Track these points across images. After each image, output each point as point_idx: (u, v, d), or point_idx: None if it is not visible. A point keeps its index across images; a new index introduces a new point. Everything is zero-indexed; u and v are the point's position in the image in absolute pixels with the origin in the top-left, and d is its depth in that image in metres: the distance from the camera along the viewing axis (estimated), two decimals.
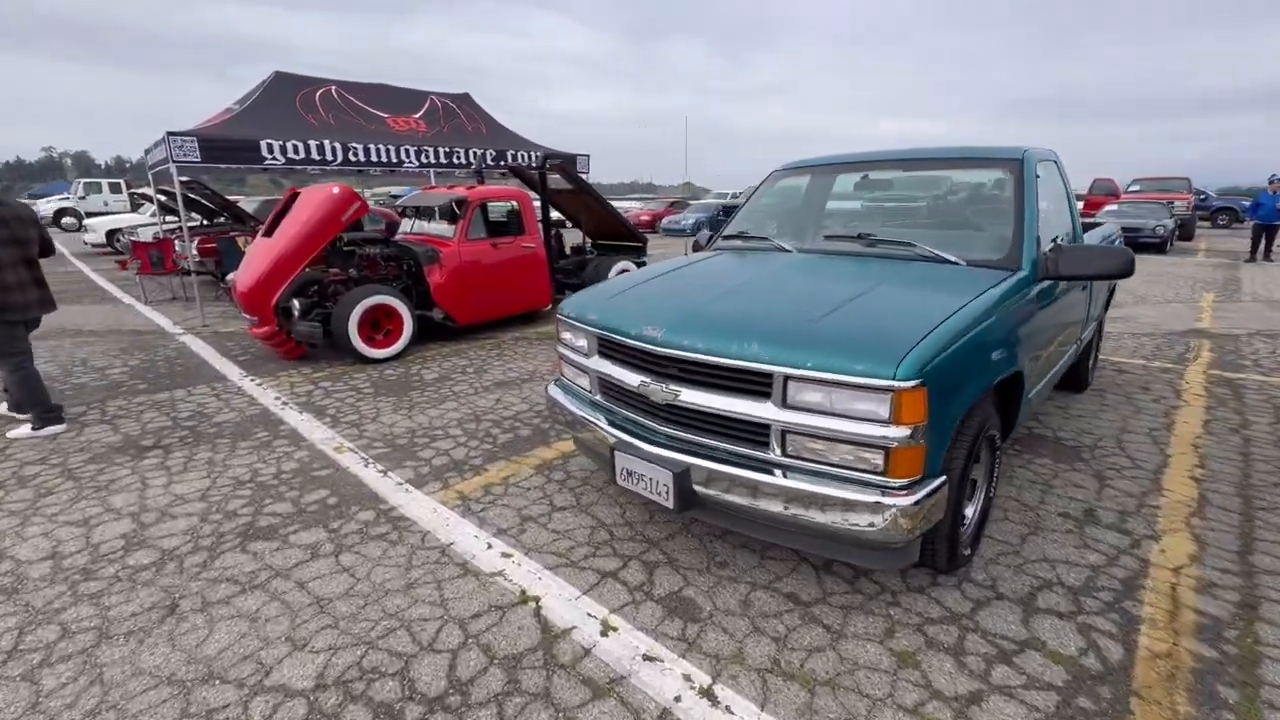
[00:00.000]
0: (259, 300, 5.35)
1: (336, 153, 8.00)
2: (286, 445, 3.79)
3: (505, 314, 6.81)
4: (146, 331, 7.09)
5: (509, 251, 6.61)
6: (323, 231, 5.43)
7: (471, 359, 5.76)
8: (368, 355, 5.56)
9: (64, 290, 10.26)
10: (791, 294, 2.47)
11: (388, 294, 5.65)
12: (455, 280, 6.19)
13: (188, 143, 6.90)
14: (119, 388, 4.98)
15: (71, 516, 2.94)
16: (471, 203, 6.34)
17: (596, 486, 3.22)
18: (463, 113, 10.23)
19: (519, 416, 4.24)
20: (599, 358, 2.68)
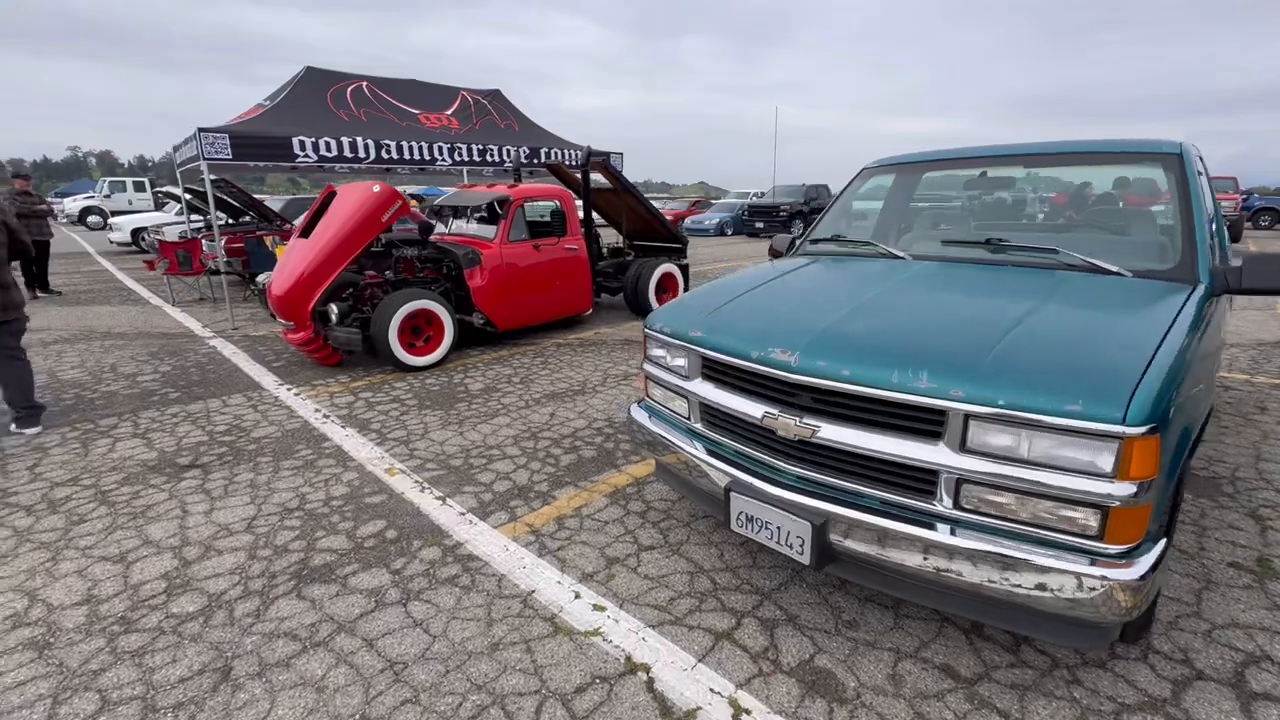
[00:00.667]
0: (296, 305, 5.08)
1: (369, 150, 7.74)
2: (333, 465, 3.49)
3: (547, 319, 6.49)
4: (176, 335, 6.86)
5: (551, 253, 6.29)
6: (363, 232, 5.14)
7: (515, 368, 5.45)
8: (408, 363, 5.26)
9: (91, 290, 10.13)
10: (944, 312, 2.11)
11: (429, 299, 5.36)
12: (496, 283, 5.88)
13: (219, 139, 6.66)
14: (150, 397, 4.72)
15: (107, 550, 2.65)
16: (514, 202, 6.03)
17: (682, 520, 2.88)
18: (494, 109, 9.94)
19: (578, 435, 3.91)
20: (703, 381, 2.34)
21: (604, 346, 6.18)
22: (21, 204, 8.69)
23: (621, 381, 4.99)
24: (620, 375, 5.17)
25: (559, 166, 7.85)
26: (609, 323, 7.30)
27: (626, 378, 5.10)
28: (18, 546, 2.69)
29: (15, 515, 2.96)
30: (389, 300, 5.18)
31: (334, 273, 5.12)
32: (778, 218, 20.83)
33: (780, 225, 20.77)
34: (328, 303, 5.27)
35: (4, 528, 2.84)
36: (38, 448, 3.76)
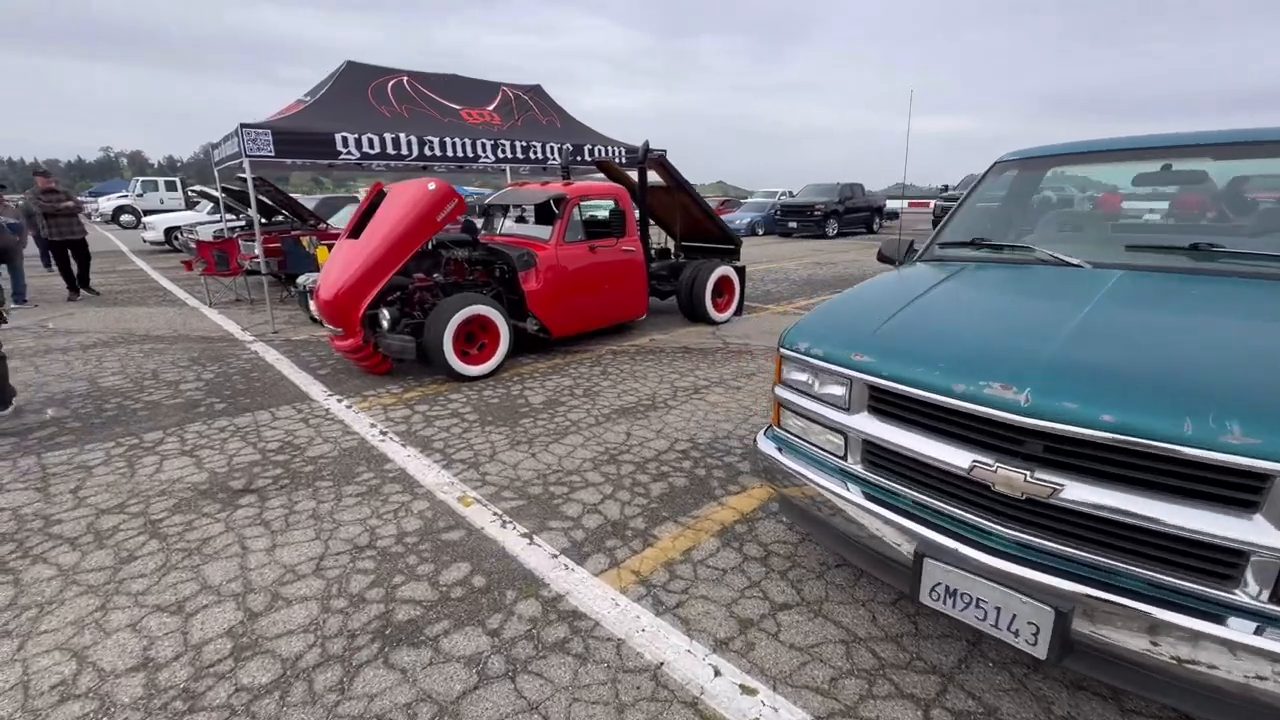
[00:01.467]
0: (346, 310, 4.77)
1: (411, 146, 7.44)
2: (399, 492, 3.15)
3: (602, 325, 6.12)
4: (215, 338, 6.62)
5: (608, 256, 5.92)
6: (417, 233, 4.81)
7: (574, 378, 5.09)
8: (462, 373, 4.93)
9: (127, 290, 10.00)
10: (1213, 340, 1.67)
11: (486, 304, 5.02)
12: (552, 287, 5.53)
13: (261, 135, 6.39)
14: (195, 408, 4.44)
15: (162, 598, 2.32)
16: (570, 201, 5.67)
17: (813, 570, 2.48)
18: (535, 105, 9.61)
19: (662, 458, 3.53)
20: (871, 417, 1.94)
21: (662, 355, 5.80)
22: (46, 202, 8.45)
23: (693, 395, 4.61)
24: (689, 388, 4.78)
25: (610, 164, 7.48)
26: (661, 328, 6.92)
27: (696, 391, 4.71)
28: (64, 589, 2.38)
29: (59, 549, 2.65)
30: (444, 305, 4.85)
31: (386, 276, 4.80)
32: (811, 217, 20.29)
33: (814, 225, 20.24)
34: (378, 308, 4.96)
35: (48, 565, 2.54)
36: (81, 466, 3.47)
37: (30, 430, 4.01)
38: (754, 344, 6.18)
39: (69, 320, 7.61)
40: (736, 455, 3.56)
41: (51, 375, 5.24)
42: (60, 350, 6.11)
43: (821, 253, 15.31)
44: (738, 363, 5.51)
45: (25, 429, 4.03)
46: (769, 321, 7.25)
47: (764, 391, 4.68)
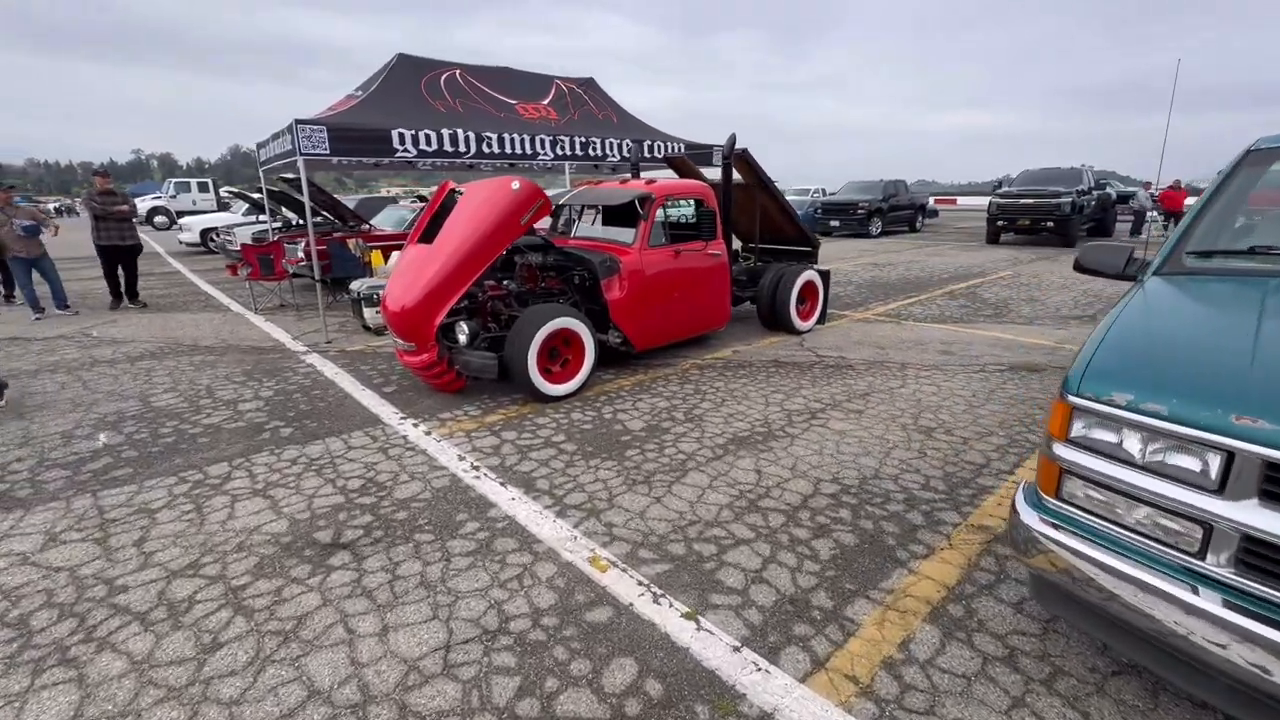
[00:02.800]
0: (419, 323, 4.29)
1: (469, 143, 6.98)
2: (516, 550, 2.64)
3: (685, 336, 5.59)
4: (266, 349, 6.21)
5: (693, 260, 5.38)
6: (501, 237, 4.32)
7: (668, 398, 4.56)
8: (547, 393, 4.43)
9: (168, 294, 9.70)
10: None
11: (572, 316, 4.51)
12: (637, 296, 5.01)
13: (316, 132, 5.96)
14: (259, 433, 3.99)
15: (263, 709, 1.84)
16: (655, 201, 5.14)
17: (1081, 677, 1.92)
18: (590, 99, 9.11)
19: (812, 505, 2.98)
20: (1265, 505, 1.37)
21: (753, 369, 5.25)
22: (103, 204, 7.98)
23: (811, 422, 4.05)
24: (802, 412, 4.23)
25: (684, 160, 6.94)
26: (740, 338, 6.36)
27: (813, 416, 4.15)
28: (138, 694, 1.90)
29: (129, 631, 2.19)
30: (527, 317, 4.35)
31: (464, 285, 4.31)
32: (854, 216, 19.56)
33: (856, 224, 19.51)
34: (453, 320, 4.48)
35: (117, 654, 2.07)
36: (143, 509, 3.02)
37: (84, 461, 3.59)
38: (850, 358, 5.60)
39: (113, 328, 7.27)
40: (899, 503, 3.00)
41: (101, 393, 4.85)
42: (107, 362, 5.73)
43: (872, 253, 14.62)
44: (843, 380, 4.94)
45: (78, 460, 3.61)
46: (855, 330, 6.65)
47: (890, 417, 4.11)
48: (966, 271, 11.12)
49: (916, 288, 9.43)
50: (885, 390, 4.68)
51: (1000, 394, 4.57)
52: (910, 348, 5.92)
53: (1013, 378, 4.95)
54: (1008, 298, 8.49)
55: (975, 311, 7.60)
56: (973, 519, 2.85)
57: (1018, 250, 14.60)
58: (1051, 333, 6.47)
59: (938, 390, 4.67)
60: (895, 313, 7.61)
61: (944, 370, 5.18)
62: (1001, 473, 3.31)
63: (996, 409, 4.26)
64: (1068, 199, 15.05)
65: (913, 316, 7.37)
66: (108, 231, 8.01)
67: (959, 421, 4.03)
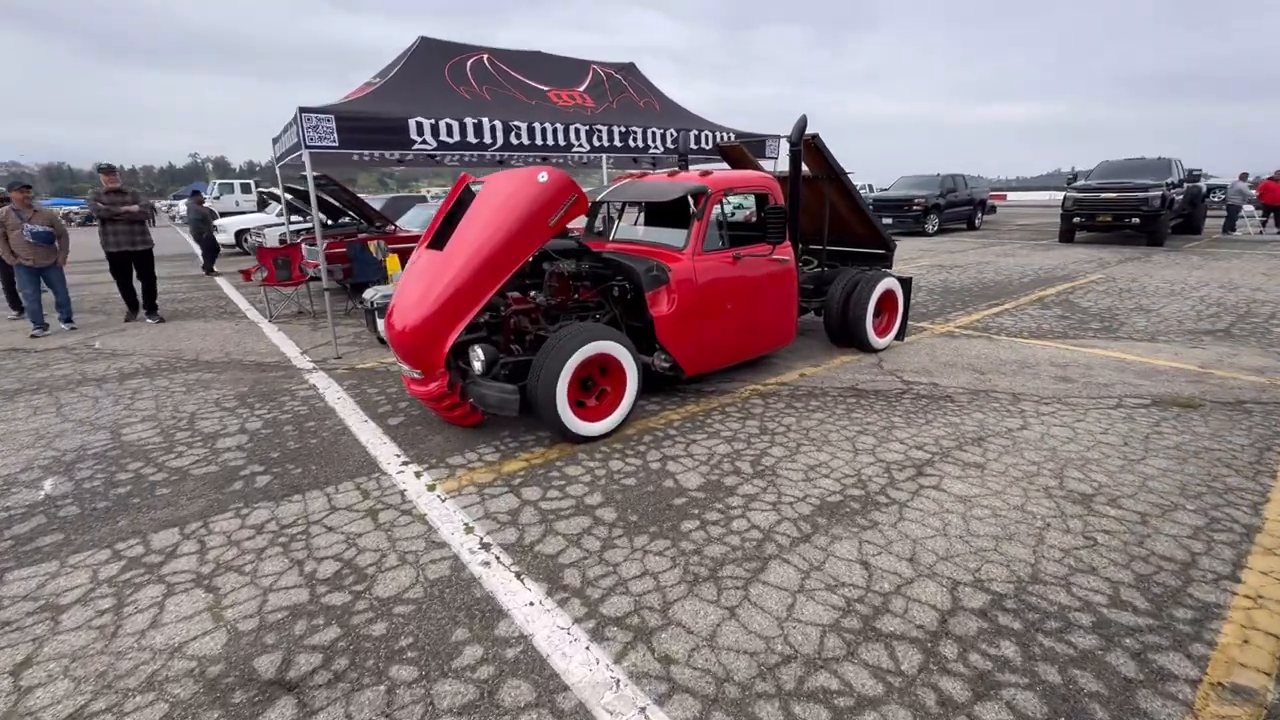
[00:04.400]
0: (426, 346, 3.52)
1: (495, 133, 6.21)
2: (534, 702, 1.81)
3: (745, 358, 4.70)
4: (270, 365, 5.57)
5: (756, 267, 4.48)
6: (525, 242, 3.51)
7: (728, 440, 3.69)
8: (580, 433, 3.61)
9: (189, 299, 9.28)
10: None
11: (611, 338, 3.67)
12: (689, 311, 4.13)
13: (323, 122, 5.27)
14: (230, 483, 3.27)
15: None
16: (712, 196, 4.26)
17: None
18: (630, 85, 8.26)
19: (956, 630, 2.07)
20: None
21: (828, 400, 4.32)
22: (109, 204, 7.13)
23: (919, 481, 3.12)
24: (903, 464, 3.30)
25: (741, 150, 6.03)
26: (805, 356, 5.43)
27: (919, 471, 3.22)
28: None
29: None
30: (557, 341, 3.52)
31: (481, 301, 3.52)
32: (909, 213, 18.23)
33: (911, 221, 18.18)
34: (469, 340, 3.70)
35: None
36: (49, 605, 2.31)
37: (12, 521, 2.92)
38: (945, 385, 4.61)
39: (118, 339, 6.77)
40: (1087, 632, 2.06)
41: (72, 421, 4.24)
42: (95, 381, 5.16)
43: (932, 253, 13.38)
44: (944, 417, 3.97)
45: (6, 519, 2.95)
46: (941, 348, 5.64)
47: (1024, 475, 3.14)
48: (1050, 275, 9.88)
49: (998, 294, 8.29)
50: (1003, 433, 3.70)
51: (1159, 441, 3.54)
52: (1016, 372, 4.88)
53: (1165, 418, 3.90)
54: (1113, 307, 7.30)
55: (1080, 325, 6.47)
56: (1215, 671, 1.89)
57: (1098, 250, 13.16)
58: (1187, 353, 5.33)
59: (1073, 434, 3.66)
60: (983, 325, 6.53)
61: (1069, 405, 4.15)
62: (1222, 578, 2.33)
63: (1165, 465, 3.24)
64: (1157, 193, 13.49)
65: (1005, 330, 6.29)
66: (116, 236, 7.23)
67: (1121, 485, 3.04)
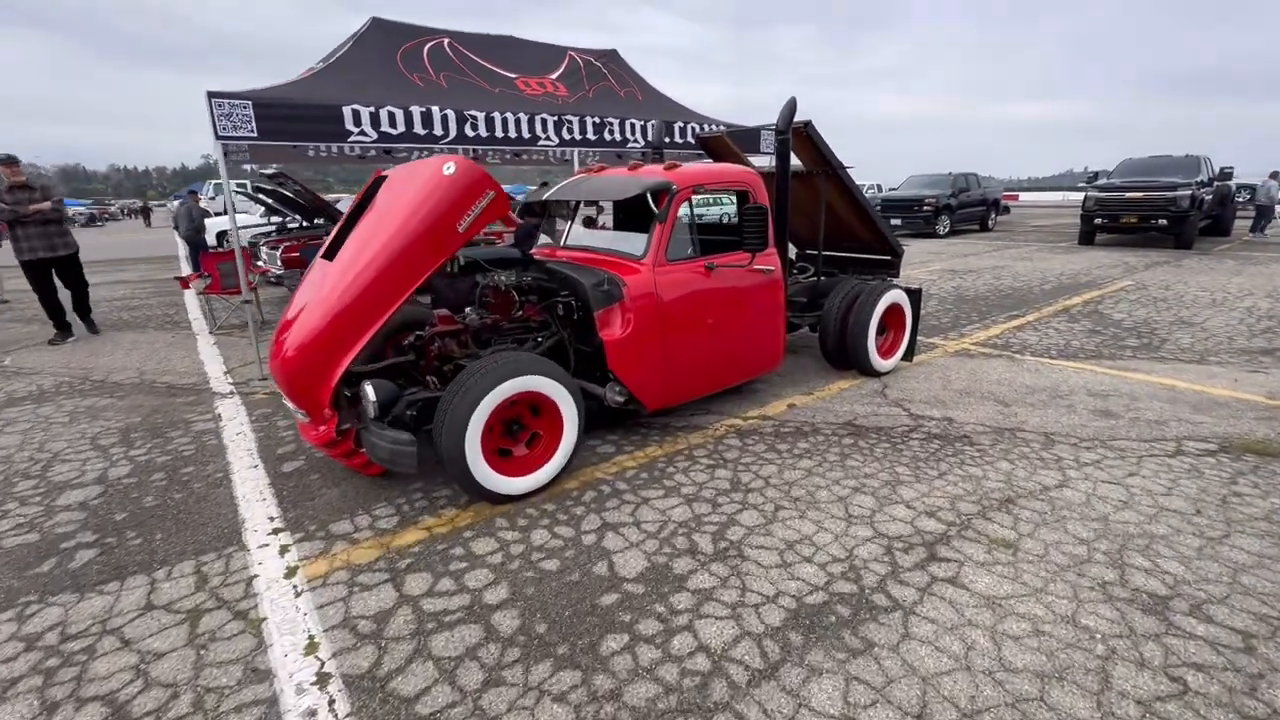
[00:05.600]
0: (308, 382, 2.81)
1: (448, 123, 5.48)
2: None
3: (720, 388, 3.93)
4: (182, 388, 4.86)
5: (733, 279, 3.72)
6: (424, 252, 2.77)
7: (687, 496, 2.93)
8: (497, 491, 2.86)
9: (137, 307, 8.58)
10: None
11: (543, 372, 2.91)
12: (647, 334, 3.38)
13: (238, 110, 4.57)
14: (43, 560, 2.55)
15: None
16: (678, 194, 3.50)
17: None
18: (610, 73, 7.52)
19: None
20: None
21: (820, 441, 3.56)
22: (13, 204, 5.92)
23: (930, 572, 2.35)
24: (907, 542, 2.54)
25: (722, 140, 5.28)
26: (796, 380, 4.66)
27: (931, 555, 2.45)
28: None
29: None
30: (468, 378, 2.78)
31: (373, 324, 2.79)
32: (919, 213, 17.38)
33: (921, 222, 17.33)
34: (363, 374, 2.97)
35: None
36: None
37: None
38: (962, 420, 3.83)
39: (37, 355, 6.10)
40: None
41: None
42: None
43: (944, 256, 12.54)
44: (961, 466, 3.20)
45: None
46: (955, 370, 4.85)
47: (1071, 564, 2.37)
48: (1073, 281, 9.03)
49: (1018, 303, 7.47)
50: (1038, 492, 2.92)
51: (1242, 509, 2.75)
52: (1046, 403, 4.09)
53: (1241, 470, 3.10)
54: (1149, 320, 6.48)
55: (1115, 342, 5.66)
56: None
57: (1122, 253, 12.28)
58: (1247, 379, 4.51)
59: (1127, 496, 2.88)
60: (1003, 341, 5.73)
61: (1116, 450, 3.37)
62: None
63: (1259, 549, 2.45)
64: (1186, 192, 12.57)
65: (1029, 348, 5.49)
66: (29, 241, 6.08)
67: (1204, 580, 2.26)
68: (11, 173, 6.05)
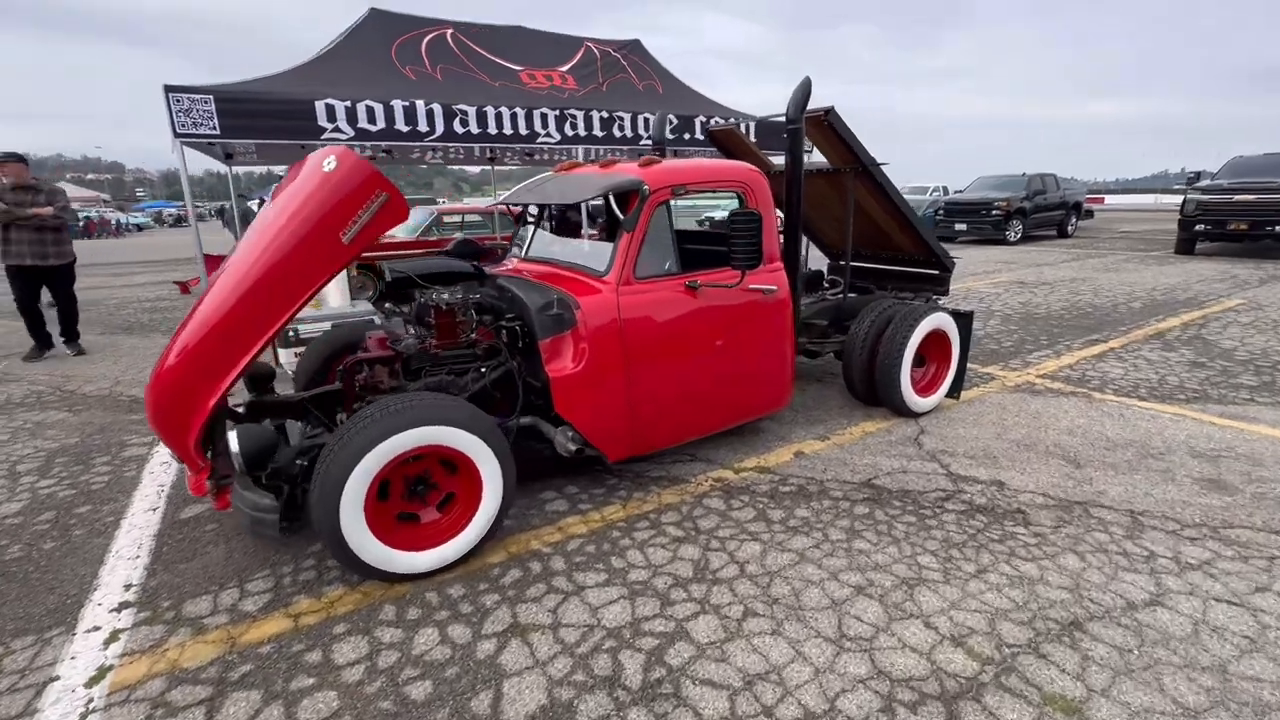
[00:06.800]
0: (174, 421, 2.30)
1: (435, 119, 4.99)
2: None
3: (704, 434, 3.23)
4: (141, 405, 4.55)
5: (723, 300, 3.01)
6: (304, 266, 2.21)
7: (633, 586, 2.26)
8: (384, 570, 2.27)
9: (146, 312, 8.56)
10: None
11: (454, 422, 2.30)
12: (608, 368, 2.72)
13: (198, 105, 4.21)
14: None
15: None
16: (650, 196, 2.83)
17: None
18: (629, 66, 6.89)
19: None
20: None
21: (821, 506, 2.80)
22: (12, 203, 5.47)
23: None
24: (918, 683, 1.77)
25: (733, 133, 4.57)
26: (812, 419, 3.89)
27: (945, 706, 1.69)
28: None
29: None
30: (351, 427, 2.20)
31: (246, 354, 2.26)
32: (986, 218, 15.93)
33: (989, 227, 15.87)
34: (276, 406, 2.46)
35: None
36: None
37: None
38: (1016, 486, 2.98)
39: (28, 366, 6.00)
40: None
41: None
42: None
43: (1014, 265, 11.26)
44: (1009, 561, 2.38)
45: None
46: (1013, 412, 3.95)
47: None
48: (1168, 298, 7.74)
49: (1099, 324, 6.36)
50: (1118, 613, 2.08)
51: None
52: (1133, 464, 3.18)
53: None
54: (1269, 350, 5.30)
55: (1226, 379, 4.57)
56: None
57: (1228, 264, 10.68)
58: None
59: (1256, 629, 2.01)
60: (1078, 374, 4.74)
61: (1235, 543, 2.46)
62: None
63: None
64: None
65: (1111, 384, 4.49)
66: (19, 245, 5.57)
67: None
68: (16, 172, 5.60)
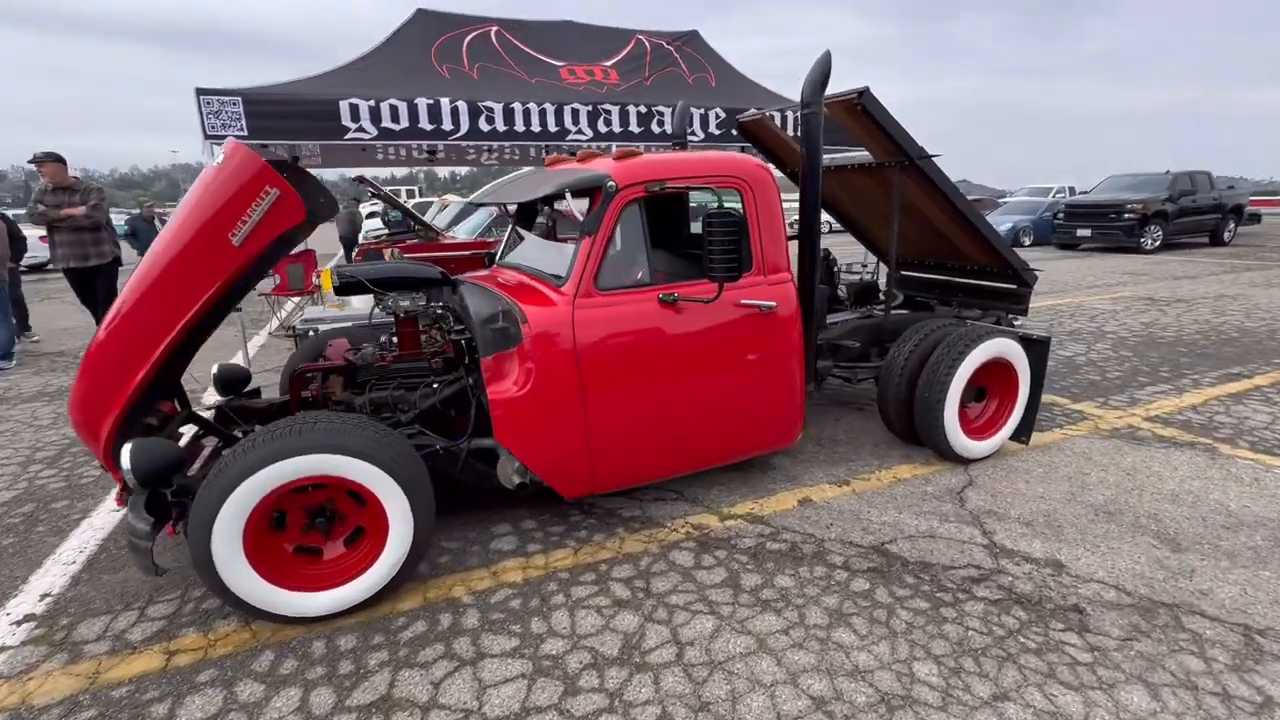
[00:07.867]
0: (85, 427, 2.21)
1: (458, 118, 4.84)
2: None
3: (686, 471, 2.76)
4: None
5: (709, 316, 2.54)
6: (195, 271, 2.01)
7: (544, 658, 1.86)
8: (268, 611, 2.02)
9: None
10: None
11: (349, 450, 2.00)
12: (558, 393, 2.35)
13: (226, 106, 4.28)
14: None
15: None
16: (616, 194, 2.42)
17: None
18: (682, 58, 6.45)
19: None
20: None
21: (811, 572, 2.26)
22: (52, 205, 5.40)
23: None
24: None
25: (763, 124, 4.03)
26: (833, 455, 3.28)
27: None
28: None
29: None
30: (234, 456, 1.96)
31: (146, 360, 2.10)
32: (1116, 222, 13.92)
33: (1119, 233, 13.84)
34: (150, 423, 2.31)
35: None
36: None
37: None
38: (1077, 565, 2.28)
39: None
40: None
41: None
42: None
43: (1144, 278, 9.64)
44: (1047, 685, 1.74)
45: None
46: (1097, 464, 3.13)
47: None
48: None
49: (1245, 354, 5.14)
50: None
51: None
52: (1260, 553, 2.35)
53: None
54: None
55: None
56: None
57: None
58: None
59: None
60: (1204, 418, 3.76)
61: None
62: None
63: None
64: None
65: (1249, 434, 3.51)
66: (63, 249, 5.52)
67: None
68: (54, 172, 5.42)
